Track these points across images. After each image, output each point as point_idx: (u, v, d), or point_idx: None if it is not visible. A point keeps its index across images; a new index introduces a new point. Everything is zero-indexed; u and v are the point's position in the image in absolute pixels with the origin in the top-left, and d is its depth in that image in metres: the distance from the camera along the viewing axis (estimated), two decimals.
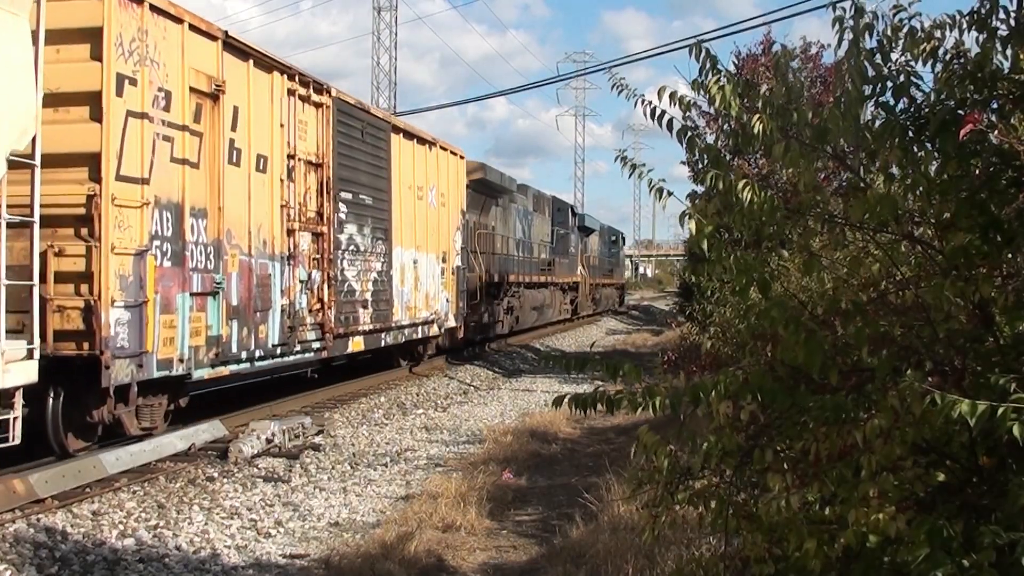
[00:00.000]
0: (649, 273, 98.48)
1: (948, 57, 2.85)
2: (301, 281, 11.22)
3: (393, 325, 14.60)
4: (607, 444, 10.43)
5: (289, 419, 10.56)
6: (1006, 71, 2.79)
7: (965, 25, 2.82)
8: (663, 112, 3.11)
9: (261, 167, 10.33)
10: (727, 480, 3.06)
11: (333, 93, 12.20)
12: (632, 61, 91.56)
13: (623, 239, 50.87)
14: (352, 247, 12.89)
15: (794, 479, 2.73)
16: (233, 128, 9.74)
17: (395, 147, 14.76)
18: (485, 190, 21.10)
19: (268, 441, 9.46)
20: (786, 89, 2.99)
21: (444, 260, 17.20)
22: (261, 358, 10.47)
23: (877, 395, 2.59)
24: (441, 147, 17.16)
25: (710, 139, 3.56)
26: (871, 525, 2.43)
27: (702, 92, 3.07)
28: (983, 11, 2.79)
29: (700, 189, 3.98)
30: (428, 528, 6.87)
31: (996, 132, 2.69)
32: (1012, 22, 2.78)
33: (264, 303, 10.33)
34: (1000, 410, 2.17)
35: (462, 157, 18.51)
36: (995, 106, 2.82)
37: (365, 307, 13.28)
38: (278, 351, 10.76)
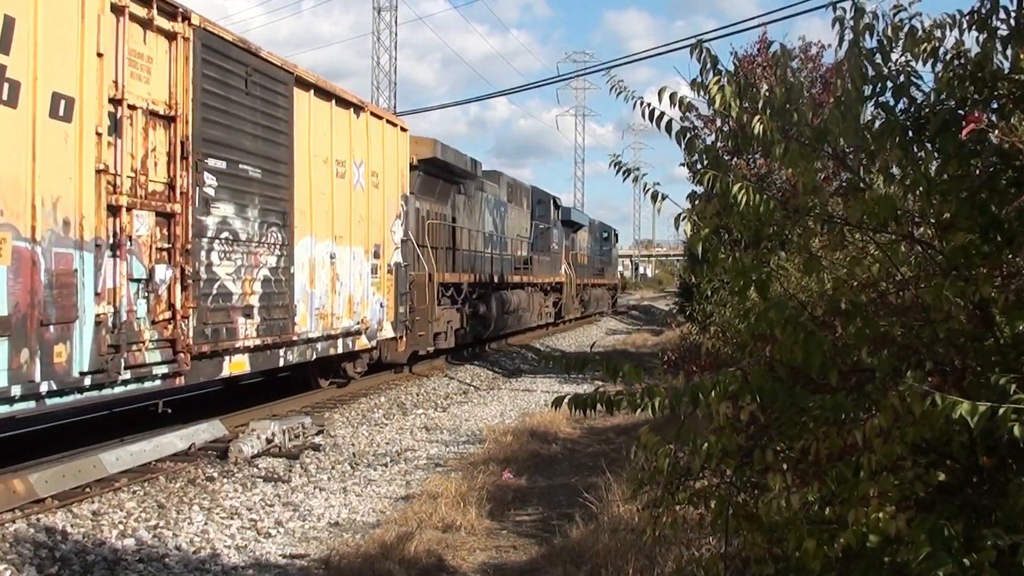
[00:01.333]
0: (649, 273, 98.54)
1: (948, 57, 2.85)
2: (136, 280, 8.06)
3: (297, 338, 11.02)
4: (607, 444, 10.43)
5: (289, 419, 10.55)
6: (1006, 71, 2.79)
7: (965, 25, 2.82)
8: (662, 114, 3.11)
9: (61, 113, 7.18)
10: (727, 480, 3.06)
11: (195, 20, 8.85)
12: (632, 61, 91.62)
13: (616, 236, 47.50)
14: (227, 235, 9.45)
15: (794, 479, 2.73)
16: (3, 49, 6.67)
17: (301, 107, 11.22)
18: (441, 173, 17.88)
19: (268, 441, 9.46)
20: (786, 89, 2.99)
21: (377, 255, 13.74)
22: (56, 393, 7.16)
23: (877, 395, 2.59)
24: (374, 114, 13.67)
25: (709, 140, 3.56)
26: (871, 525, 2.43)
27: (702, 92, 3.07)
28: (983, 11, 2.79)
29: (700, 189, 3.98)
30: (428, 528, 6.87)
31: (997, 132, 2.69)
32: (1012, 22, 2.78)
33: (62, 312, 7.10)
34: (1000, 411, 2.17)
35: (404, 129, 15.05)
36: (995, 106, 2.82)
37: (249, 315, 9.85)
38: (89, 381, 7.41)
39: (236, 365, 9.82)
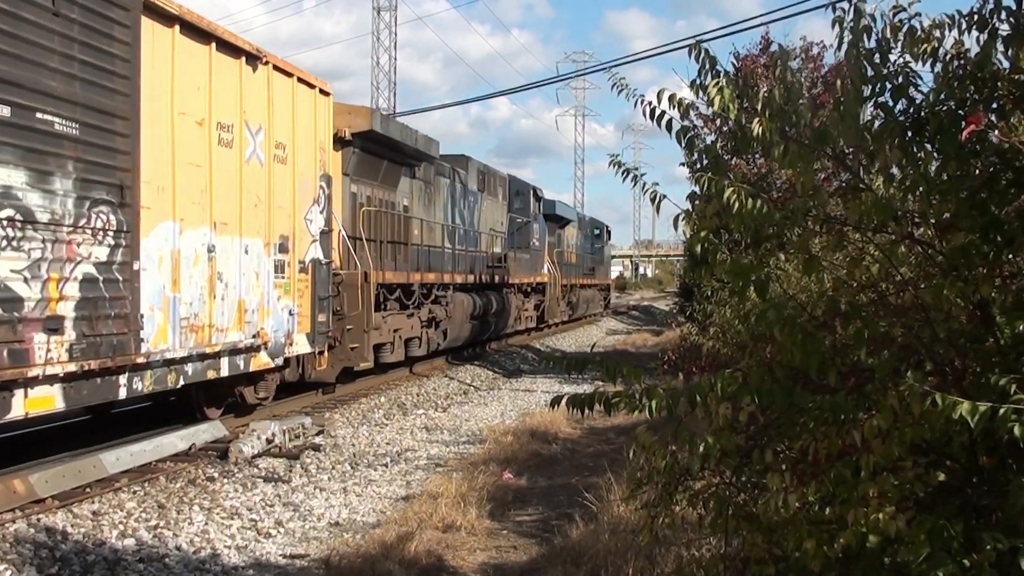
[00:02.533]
0: (649, 273, 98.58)
1: (948, 57, 2.85)
2: None
3: (148, 359, 8.16)
4: (607, 444, 10.42)
5: (289, 419, 10.55)
6: (1006, 71, 2.79)
7: (965, 25, 2.82)
8: (662, 113, 3.11)
9: None
10: (727, 480, 3.06)
11: None
12: (632, 61, 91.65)
13: (609, 233, 43.82)
14: (8, 214, 6.68)
15: (793, 479, 2.73)
16: None
17: (158, 45, 8.38)
18: (385, 152, 14.72)
19: (268, 441, 9.46)
20: (785, 90, 2.99)
21: (284, 250, 10.74)
22: None
23: (877, 395, 2.59)
24: (280, 69, 10.61)
25: (709, 139, 3.56)
26: (871, 525, 2.43)
27: (701, 93, 3.06)
28: (984, 11, 2.79)
29: (699, 190, 3.98)
30: (428, 528, 6.87)
31: (997, 132, 2.69)
32: (1013, 22, 2.77)
33: None
34: (1001, 411, 2.17)
35: (326, 93, 12.02)
36: (995, 106, 2.81)
37: (56, 330, 7.08)
38: None
39: (36, 402, 6.97)
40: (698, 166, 3.19)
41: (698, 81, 3.05)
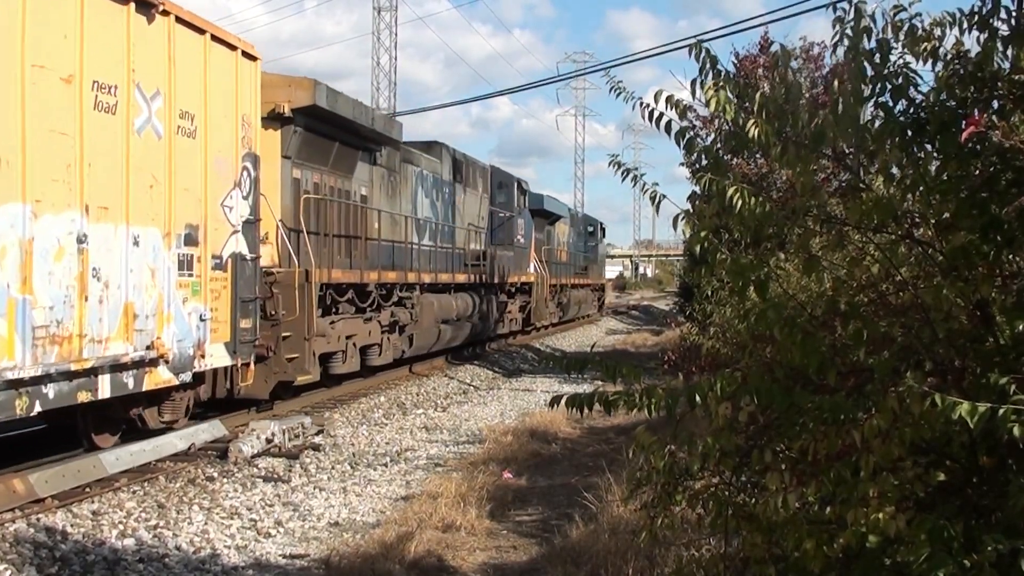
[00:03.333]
0: (649, 273, 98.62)
1: (948, 57, 2.85)
2: None
3: None
4: (607, 444, 10.42)
5: (289, 419, 10.55)
6: (1007, 71, 2.79)
7: (966, 25, 2.82)
8: (661, 115, 3.11)
9: None
10: (726, 480, 3.06)
11: None
12: (632, 61, 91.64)
13: (603, 231, 41.84)
14: None
15: (793, 479, 2.73)
16: None
17: None
18: (336, 133, 12.90)
19: (268, 441, 9.46)
20: (785, 91, 2.99)
21: (193, 242, 8.99)
22: None
23: (876, 396, 2.59)
24: (183, 21, 8.78)
25: (708, 140, 3.56)
26: (870, 525, 2.42)
27: (699, 93, 3.07)
28: (984, 11, 2.79)
29: (700, 190, 3.98)
30: (428, 528, 6.87)
31: (997, 132, 2.69)
32: (1013, 22, 2.77)
33: None
34: (1000, 411, 2.17)
35: (253, 58, 10.13)
36: (996, 106, 2.81)
37: None
38: None
39: None
40: (698, 166, 3.19)
41: (699, 79, 3.05)
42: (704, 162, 3.12)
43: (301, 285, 11.32)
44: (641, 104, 3.17)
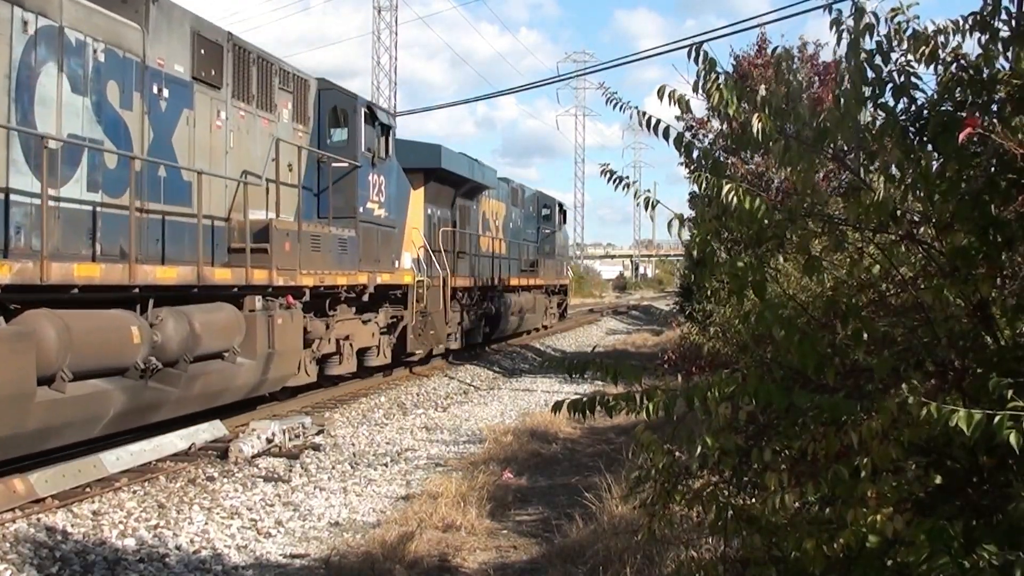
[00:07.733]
0: (649, 273, 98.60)
1: (948, 59, 2.85)
2: None
3: None
4: (608, 444, 10.42)
5: (289, 419, 10.55)
6: (1007, 73, 2.78)
7: (967, 27, 2.82)
8: (659, 120, 3.13)
9: None
10: (725, 480, 3.06)
11: None
12: (631, 61, 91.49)
13: (564, 214, 31.40)
14: None
15: (792, 479, 2.73)
16: None
17: None
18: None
19: (268, 441, 9.46)
20: (786, 91, 2.99)
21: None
22: None
23: (876, 396, 2.59)
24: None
25: (706, 141, 3.57)
26: (870, 525, 2.42)
27: (701, 92, 3.07)
28: (985, 12, 2.79)
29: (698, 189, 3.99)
30: (428, 528, 6.87)
31: (996, 134, 2.69)
32: (1013, 24, 2.77)
33: None
34: (996, 418, 2.16)
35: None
36: (995, 108, 2.81)
37: None
38: None
39: None
40: (693, 167, 3.20)
41: (699, 80, 3.05)
42: (703, 164, 3.12)
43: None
44: (638, 111, 3.18)
